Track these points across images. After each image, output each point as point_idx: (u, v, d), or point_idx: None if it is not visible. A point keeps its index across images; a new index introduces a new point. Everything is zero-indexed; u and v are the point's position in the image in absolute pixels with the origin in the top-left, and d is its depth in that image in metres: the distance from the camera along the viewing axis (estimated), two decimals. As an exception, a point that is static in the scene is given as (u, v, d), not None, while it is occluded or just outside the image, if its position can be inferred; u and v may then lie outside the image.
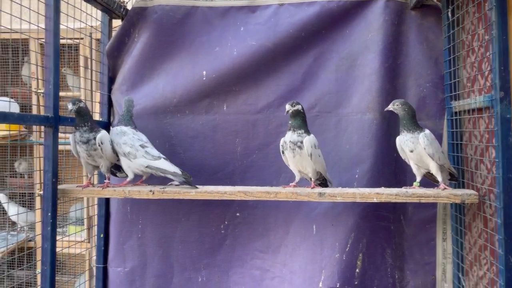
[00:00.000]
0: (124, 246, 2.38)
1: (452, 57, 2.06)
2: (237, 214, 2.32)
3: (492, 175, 1.72)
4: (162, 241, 2.36)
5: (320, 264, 2.21)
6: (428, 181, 2.00)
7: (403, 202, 1.99)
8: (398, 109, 1.91)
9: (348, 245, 2.19)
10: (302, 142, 1.89)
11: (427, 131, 1.88)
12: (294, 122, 1.93)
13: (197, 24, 2.31)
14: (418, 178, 1.96)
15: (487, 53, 1.74)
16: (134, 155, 1.95)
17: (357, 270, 2.20)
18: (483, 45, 1.80)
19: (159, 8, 2.31)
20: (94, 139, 1.96)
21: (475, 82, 1.91)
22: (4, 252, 3.08)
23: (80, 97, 2.95)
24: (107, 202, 2.42)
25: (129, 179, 2.02)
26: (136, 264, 2.37)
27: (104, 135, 1.99)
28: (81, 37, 2.79)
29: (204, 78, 2.28)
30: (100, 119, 2.41)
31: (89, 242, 2.98)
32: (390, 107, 1.93)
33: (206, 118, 2.31)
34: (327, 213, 2.23)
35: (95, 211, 2.47)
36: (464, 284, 2.03)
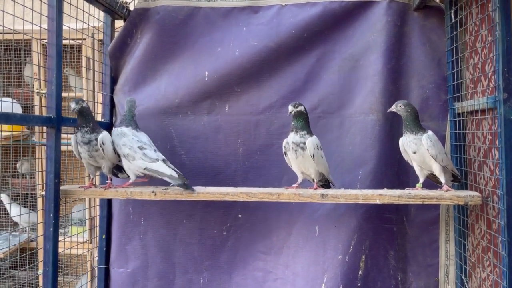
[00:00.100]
0: (127, 247, 2.38)
1: (455, 58, 2.05)
2: (239, 215, 2.32)
3: (496, 176, 1.71)
4: (164, 242, 2.36)
5: (322, 266, 2.21)
6: (431, 182, 1.99)
7: (406, 203, 1.99)
8: (401, 110, 1.90)
9: (351, 247, 2.18)
10: (304, 143, 1.89)
11: (430, 133, 1.87)
12: (297, 123, 1.92)
13: (199, 25, 2.31)
14: (421, 180, 1.95)
15: (491, 54, 1.73)
16: (133, 156, 1.95)
17: (360, 272, 2.20)
18: (487, 46, 1.79)
19: (162, 9, 2.31)
20: (96, 139, 1.96)
21: (478, 83, 1.90)
22: (6, 253, 3.08)
23: (82, 98, 2.95)
24: (109, 203, 2.42)
25: (131, 181, 2.01)
26: (138, 265, 2.37)
27: (106, 136, 1.98)
28: (83, 38, 2.79)
29: (206, 79, 2.28)
30: (102, 120, 2.41)
31: (91, 243, 2.98)
32: (393, 108, 1.93)
33: (208, 119, 2.31)
34: (330, 215, 2.23)
35: (97, 211, 2.47)
36: (467, 286, 2.02)
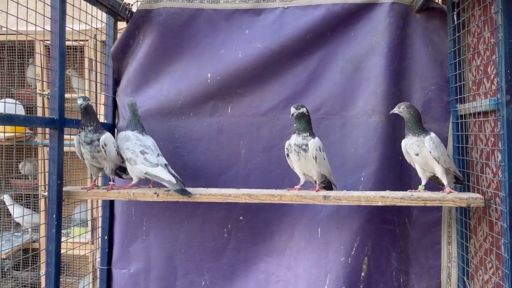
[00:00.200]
0: (129, 248, 2.38)
1: (458, 60, 2.05)
2: (241, 217, 2.31)
3: (498, 178, 1.71)
4: (166, 244, 2.36)
5: (325, 268, 2.20)
6: (433, 184, 1.99)
7: (408, 205, 1.98)
8: (404, 112, 1.90)
9: (354, 249, 2.18)
10: (307, 145, 1.89)
11: (432, 135, 1.87)
12: (299, 125, 1.92)
13: (202, 27, 2.31)
14: (424, 182, 1.95)
15: (493, 56, 1.73)
16: (135, 161, 1.95)
17: (362, 274, 2.19)
18: (489, 48, 1.79)
19: (164, 11, 2.32)
20: (98, 140, 1.96)
21: (481, 85, 1.90)
22: (9, 253, 3.08)
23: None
24: (111, 204, 2.42)
25: (133, 182, 2.02)
26: (141, 266, 2.37)
27: (108, 137, 1.99)
28: (85, 39, 2.79)
29: (208, 81, 2.28)
30: (105, 121, 2.41)
31: (93, 243, 2.98)
32: (396, 110, 1.93)
33: (211, 120, 2.31)
34: (332, 216, 2.22)
35: (99, 212, 2.47)
36: (469, 288, 2.03)
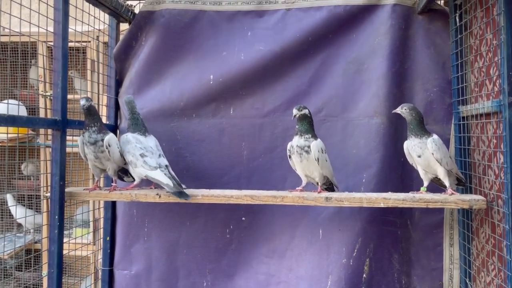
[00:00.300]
0: (131, 249, 2.38)
1: (460, 61, 2.05)
2: (243, 218, 2.32)
3: (500, 180, 1.71)
4: (168, 245, 2.36)
5: (326, 269, 2.20)
6: (435, 186, 1.99)
7: (410, 207, 1.98)
8: (406, 114, 1.90)
9: (355, 250, 2.18)
10: (309, 147, 1.89)
11: (435, 136, 1.87)
12: (301, 127, 1.92)
13: (204, 28, 2.32)
14: (426, 183, 1.95)
15: (495, 58, 1.73)
16: (135, 164, 1.96)
17: (364, 275, 2.19)
18: (491, 50, 1.79)
19: (167, 12, 2.32)
20: (102, 140, 1.96)
21: (483, 87, 1.90)
22: (11, 254, 3.09)
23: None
24: (113, 205, 2.42)
25: (136, 182, 2.02)
26: (142, 267, 2.37)
27: (112, 137, 1.99)
28: (88, 40, 2.80)
29: (211, 82, 2.28)
30: (107, 122, 2.42)
31: (95, 244, 2.98)
32: (398, 110, 1.93)
33: (213, 121, 2.32)
34: (334, 218, 2.22)
35: (101, 213, 2.48)
36: (471, 290, 2.02)
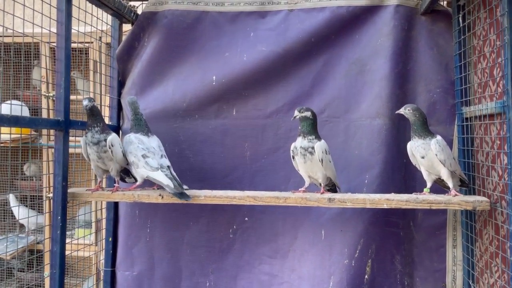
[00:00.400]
0: (133, 250, 2.38)
1: (463, 62, 2.05)
2: (246, 218, 2.32)
3: (504, 181, 1.70)
4: (171, 245, 2.36)
5: (328, 270, 2.20)
6: (438, 187, 1.98)
7: (413, 208, 1.98)
8: (409, 114, 1.90)
9: (357, 251, 2.18)
10: (313, 148, 1.89)
11: (439, 137, 1.86)
12: (304, 128, 1.92)
13: (207, 29, 2.32)
14: (429, 184, 1.94)
15: (499, 59, 1.73)
16: (137, 164, 1.96)
17: (366, 276, 2.19)
18: (495, 51, 1.79)
19: (169, 13, 2.32)
20: (105, 140, 1.96)
21: (486, 87, 1.89)
22: (14, 254, 3.09)
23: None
24: (116, 205, 2.42)
25: (138, 183, 2.02)
26: (144, 268, 2.37)
27: (115, 137, 1.99)
28: (91, 41, 2.80)
29: (213, 83, 2.28)
30: (110, 123, 2.42)
31: (97, 245, 2.98)
32: (401, 110, 1.93)
33: (216, 122, 2.32)
34: (336, 219, 2.22)
35: (103, 214, 2.48)
36: (474, 291, 2.02)
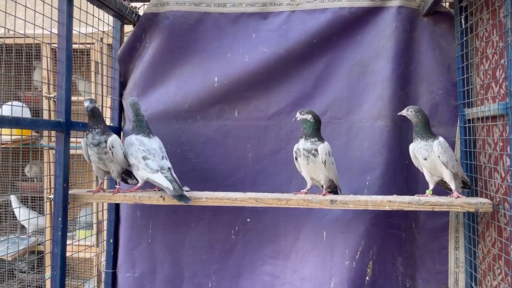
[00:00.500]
0: (134, 251, 2.37)
1: (465, 64, 2.04)
2: (248, 219, 2.31)
3: (507, 183, 1.70)
4: (172, 247, 2.36)
5: (330, 271, 2.20)
6: (441, 188, 1.98)
7: (415, 210, 1.97)
8: (412, 116, 1.89)
9: (358, 253, 2.17)
10: (316, 150, 1.88)
11: (441, 139, 1.86)
12: (306, 130, 1.92)
13: (208, 30, 2.32)
14: (431, 186, 1.94)
15: (502, 61, 1.72)
16: (137, 166, 1.95)
17: (367, 278, 2.18)
18: (498, 52, 1.78)
19: (171, 14, 2.32)
20: (105, 142, 1.96)
21: (489, 89, 1.89)
22: (15, 256, 3.09)
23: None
24: (117, 207, 2.42)
25: (139, 184, 2.02)
26: (146, 269, 2.37)
27: (115, 139, 1.99)
28: (92, 42, 2.80)
29: (215, 84, 2.28)
30: (111, 124, 2.42)
31: (98, 246, 2.98)
32: (404, 112, 1.92)
33: (217, 123, 2.31)
34: (338, 220, 2.22)
35: (104, 215, 2.47)
36: (477, 293, 2.01)
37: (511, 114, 1.59)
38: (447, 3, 2.26)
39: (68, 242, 2.02)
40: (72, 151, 2.02)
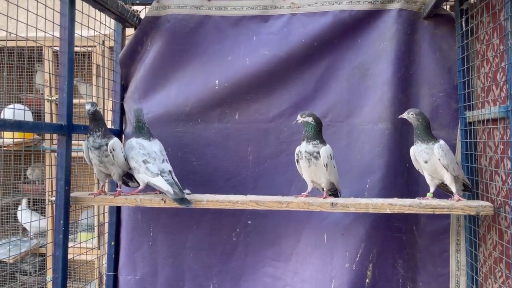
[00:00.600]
0: (135, 254, 2.38)
1: (466, 66, 2.04)
2: (249, 222, 2.32)
3: (508, 186, 1.70)
4: (173, 249, 2.36)
5: (330, 274, 2.20)
6: (442, 191, 1.98)
7: (416, 213, 1.97)
8: (412, 119, 1.89)
9: (358, 255, 2.17)
10: (318, 153, 1.88)
11: (442, 142, 1.86)
12: (307, 133, 1.92)
13: (209, 33, 2.32)
14: (432, 189, 1.94)
15: (502, 64, 1.72)
16: (138, 170, 1.96)
17: (367, 280, 2.18)
18: (498, 55, 1.78)
19: (172, 17, 2.33)
20: (106, 145, 1.96)
21: (490, 92, 1.89)
22: (16, 258, 3.09)
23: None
24: (118, 209, 2.42)
25: (140, 187, 2.02)
26: (147, 272, 2.37)
27: (116, 142, 1.99)
28: (94, 45, 2.81)
29: (216, 87, 2.28)
30: (112, 127, 2.42)
31: (99, 249, 2.98)
32: (405, 115, 1.92)
33: (219, 126, 2.32)
34: (338, 223, 2.22)
35: (105, 218, 2.47)
36: (478, 296, 2.01)
37: (512, 117, 1.59)
38: (448, 6, 2.26)
39: (70, 244, 2.03)
40: (73, 154, 2.03)
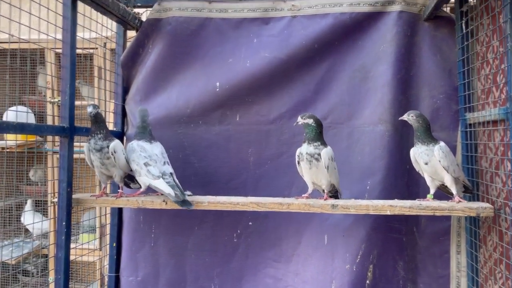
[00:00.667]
0: (137, 255, 2.39)
1: (466, 68, 2.05)
2: (250, 223, 2.33)
3: (508, 188, 1.70)
4: (175, 250, 2.37)
5: (331, 275, 2.21)
6: (442, 193, 1.98)
7: (416, 214, 1.98)
8: (412, 121, 1.90)
9: (359, 257, 2.18)
10: (319, 155, 1.89)
11: (442, 144, 1.86)
12: (308, 134, 1.93)
13: (210, 36, 2.33)
14: (432, 191, 1.94)
15: (502, 65, 1.72)
16: (139, 172, 1.97)
17: (367, 281, 2.19)
18: (498, 57, 1.79)
19: (173, 20, 2.34)
20: (108, 147, 1.97)
21: (490, 94, 1.89)
22: (19, 259, 3.10)
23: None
24: (120, 211, 2.44)
25: (142, 189, 2.03)
26: (149, 273, 2.38)
27: (118, 144, 2.00)
28: (95, 47, 2.82)
29: (217, 89, 2.29)
30: (114, 129, 2.44)
31: (101, 250, 2.99)
32: (405, 117, 1.93)
33: (220, 128, 2.33)
34: (339, 224, 2.23)
35: (107, 219, 2.48)
36: (478, 298, 2.01)
37: (512, 119, 1.60)
38: (448, 8, 2.27)
39: (72, 245, 2.04)
40: (75, 156, 2.04)
